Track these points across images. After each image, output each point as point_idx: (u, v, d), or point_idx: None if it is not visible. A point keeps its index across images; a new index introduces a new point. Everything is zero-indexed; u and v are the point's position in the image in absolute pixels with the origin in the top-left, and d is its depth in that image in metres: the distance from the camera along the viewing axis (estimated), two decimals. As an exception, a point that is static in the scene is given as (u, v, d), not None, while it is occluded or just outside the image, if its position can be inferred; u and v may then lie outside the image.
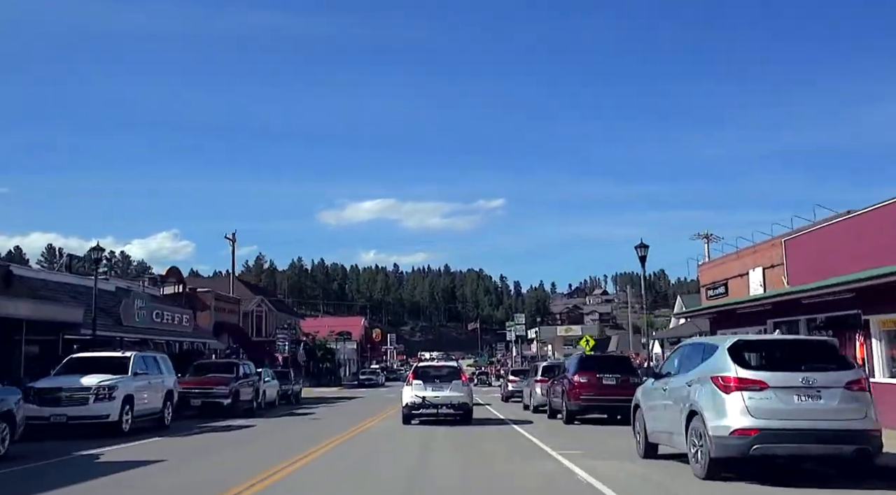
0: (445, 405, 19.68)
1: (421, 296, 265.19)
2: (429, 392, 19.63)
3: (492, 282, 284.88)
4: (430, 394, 19.60)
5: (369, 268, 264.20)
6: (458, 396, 19.78)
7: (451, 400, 19.66)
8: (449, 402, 19.65)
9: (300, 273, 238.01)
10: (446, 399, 19.64)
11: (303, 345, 61.84)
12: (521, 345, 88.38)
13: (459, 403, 19.84)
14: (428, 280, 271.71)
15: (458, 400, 19.80)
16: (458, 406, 19.83)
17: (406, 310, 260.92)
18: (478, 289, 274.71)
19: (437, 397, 19.61)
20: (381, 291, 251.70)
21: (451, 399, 19.67)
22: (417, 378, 20.19)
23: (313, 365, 70.12)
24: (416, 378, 20.20)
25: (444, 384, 19.85)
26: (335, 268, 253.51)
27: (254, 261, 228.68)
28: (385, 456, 13.61)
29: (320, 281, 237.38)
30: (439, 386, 19.78)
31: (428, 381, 19.94)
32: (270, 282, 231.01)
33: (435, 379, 20.02)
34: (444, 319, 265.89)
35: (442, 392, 19.67)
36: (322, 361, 70.29)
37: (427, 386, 19.76)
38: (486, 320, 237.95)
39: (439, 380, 19.99)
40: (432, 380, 19.99)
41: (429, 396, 19.59)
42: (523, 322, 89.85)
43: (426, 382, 19.90)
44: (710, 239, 44.40)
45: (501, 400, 36.27)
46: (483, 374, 72.33)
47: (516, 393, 34.34)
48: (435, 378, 20.16)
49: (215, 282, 67.71)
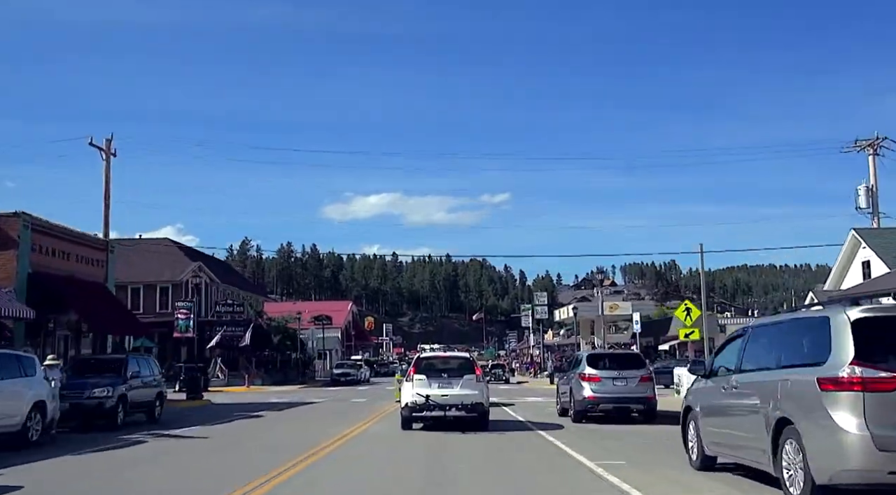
0: (455, 406, 15.83)
1: (421, 285, 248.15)
2: (434, 389, 15.90)
3: (496, 272, 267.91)
4: (435, 392, 15.84)
5: (366, 256, 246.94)
6: (471, 395, 15.94)
7: (463, 399, 15.83)
8: (460, 402, 15.82)
9: (289, 259, 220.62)
10: (456, 398, 15.83)
11: (251, 329, 44.59)
12: (541, 333, 71.37)
13: (473, 403, 15.91)
14: (429, 268, 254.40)
15: (472, 400, 15.90)
16: (471, 407, 15.90)
17: (405, 300, 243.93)
18: (481, 279, 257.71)
19: (446, 396, 15.85)
20: (377, 279, 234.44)
21: (463, 398, 15.83)
22: (420, 372, 16.38)
23: (273, 355, 52.77)
24: (419, 372, 16.38)
25: (454, 379, 16.10)
26: (330, 256, 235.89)
27: (238, 246, 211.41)
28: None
29: (312, 268, 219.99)
30: (447, 382, 16.09)
31: (433, 376, 16.25)
32: (258, 270, 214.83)
33: (442, 374, 16.38)
34: (445, 310, 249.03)
35: (451, 390, 15.95)
36: (283, 350, 53.00)
37: (432, 383, 16.05)
38: (491, 311, 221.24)
39: (447, 375, 16.31)
40: (438, 375, 16.34)
41: (434, 395, 15.80)
42: (545, 301, 72.68)
43: (431, 377, 16.19)
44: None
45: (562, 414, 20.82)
46: (498, 368, 55.16)
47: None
48: (442, 372, 16.50)
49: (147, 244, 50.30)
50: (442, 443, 13.98)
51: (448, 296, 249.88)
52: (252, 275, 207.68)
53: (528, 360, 71.30)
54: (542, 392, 37.28)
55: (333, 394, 36.74)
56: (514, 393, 36.48)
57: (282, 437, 15.69)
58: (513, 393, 36.38)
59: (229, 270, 68.59)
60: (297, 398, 33.07)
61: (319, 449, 13.21)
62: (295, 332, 50.23)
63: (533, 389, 44.00)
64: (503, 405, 25.56)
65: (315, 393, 38.38)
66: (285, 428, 18.08)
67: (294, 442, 14.28)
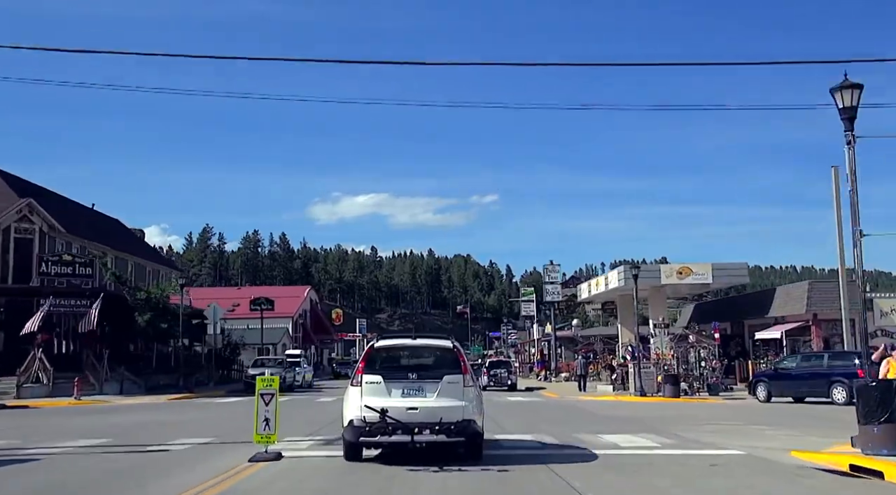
0: (429, 425, 9.73)
1: (401, 279, 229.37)
2: (396, 399, 9.99)
3: (481, 267, 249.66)
4: (397, 404, 9.90)
5: (341, 248, 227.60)
6: (455, 407, 9.93)
7: (443, 415, 9.78)
8: (437, 419, 9.75)
9: (255, 249, 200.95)
10: (431, 412, 9.83)
11: (100, 302, 26.21)
12: (553, 320, 53.19)
13: (458, 421, 9.85)
14: (409, 261, 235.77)
15: (456, 416, 9.85)
16: (454, 427, 9.79)
17: (383, 295, 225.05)
18: (465, 274, 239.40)
19: (414, 410, 9.88)
20: (353, 272, 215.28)
21: (443, 413, 9.80)
22: (373, 369, 10.30)
23: (149, 347, 34.23)
24: (372, 369, 10.29)
25: (427, 382, 10.12)
26: (302, 247, 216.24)
27: (198, 234, 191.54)
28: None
29: (280, 259, 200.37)
30: (417, 386, 10.12)
31: (395, 378, 10.21)
32: (220, 262, 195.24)
33: (409, 374, 10.32)
34: (427, 306, 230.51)
35: (422, 399, 10.00)
36: (152, 339, 34.39)
37: (393, 388, 10.08)
38: (476, 307, 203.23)
39: (417, 375, 10.24)
40: (403, 376, 10.30)
41: (395, 408, 9.84)
42: (558, 278, 54.39)
43: (391, 379, 10.16)
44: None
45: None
46: (501, 367, 37.21)
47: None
48: (409, 371, 10.40)
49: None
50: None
51: (430, 292, 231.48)
52: (213, 267, 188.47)
53: (538, 358, 53.16)
54: (598, 408, 19.53)
55: (206, 412, 18.55)
56: (546, 412, 19.07)
57: None
58: (544, 412, 19.12)
59: (114, 227, 47.52)
60: (91, 428, 14.97)
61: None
62: (177, 310, 31.58)
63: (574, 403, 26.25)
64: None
65: (179, 411, 20.45)
66: None
67: None
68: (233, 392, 33.68)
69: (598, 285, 37.07)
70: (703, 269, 32.04)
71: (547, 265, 51.57)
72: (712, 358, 29.32)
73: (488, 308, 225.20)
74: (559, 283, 52.45)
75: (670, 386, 26.64)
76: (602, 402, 26.76)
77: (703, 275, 32.02)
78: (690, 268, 32.14)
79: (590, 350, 42.99)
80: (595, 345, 42.49)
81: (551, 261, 51.76)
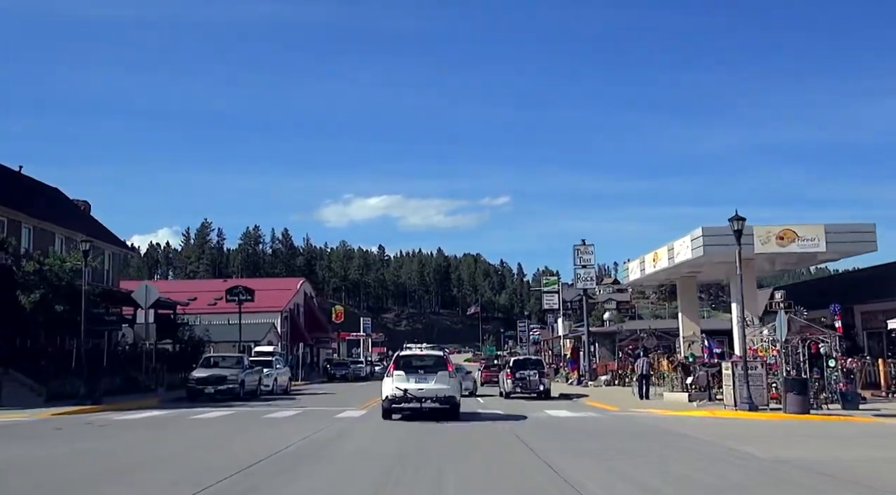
0: (430, 398, 18.15)
1: (409, 277, 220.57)
2: (412, 384, 18.13)
3: (491, 266, 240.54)
4: (412, 387, 18.08)
5: (346, 245, 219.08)
6: (443, 389, 18.27)
7: (437, 392, 18.18)
8: (434, 395, 18.16)
9: (255, 245, 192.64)
10: (430, 392, 18.16)
11: None
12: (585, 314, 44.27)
13: (445, 397, 18.28)
14: (418, 260, 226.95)
15: (444, 393, 18.26)
16: (444, 399, 18.26)
17: (390, 294, 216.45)
18: (476, 272, 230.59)
19: (421, 390, 18.13)
20: (358, 270, 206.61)
21: (437, 391, 18.18)
22: (399, 368, 18.55)
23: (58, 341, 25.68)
24: (398, 368, 18.57)
25: (429, 375, 18.43)
26: (306, 244, 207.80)
27: (196, 230, 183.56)
28: None
29: (283, 256, 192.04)
30: (423, 377, 18.37)
31: (411, 372, 18.43)
32: (219, 259, 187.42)
33: (418, 370, 18.55)
34: (436, 305, 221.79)
35: (426, 384, 18.23)
36: (42, 326, 25.62)
37: (410, 378, 18.28)
38: (487, 307, 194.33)
39: (423, 371, 18.53)
40: (415, 371, 18.49)
41: (411, 389, 18.04)
42: (591, 261, 45.34)
43: (409, 373, 18.39)
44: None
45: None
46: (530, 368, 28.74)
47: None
48: (418, 368, 18.63)
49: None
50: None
51: (439, 291, 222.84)
52: (212, 264, 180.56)
53: (571, 357, 44.31)
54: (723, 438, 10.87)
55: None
56: (643, 452, 11.01)
57: None
58: (631, 446, 11.48)
59: (48, 195, 37.63)
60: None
61: None
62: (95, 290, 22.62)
63: (669, 428, 17.58)
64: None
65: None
66: None
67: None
68: (175, 401, 25.14)
69: (657, 260, 27.91)
70: (813, 232, 23.24)
71: (578, 245, 42.62)
72: (842, 356, 20.62)
73: (499, 307, 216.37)
74: (592, 267, 43.66)
75: (796, 397, 17.89)
76: (704, 421, 18.04)
77: (812, 242, 23.23)
78: (794, 230, 23.35)
79: (636, 347, 34.24)
80: (646, 341, 33.79)
81: (583, 241, 42.86)
